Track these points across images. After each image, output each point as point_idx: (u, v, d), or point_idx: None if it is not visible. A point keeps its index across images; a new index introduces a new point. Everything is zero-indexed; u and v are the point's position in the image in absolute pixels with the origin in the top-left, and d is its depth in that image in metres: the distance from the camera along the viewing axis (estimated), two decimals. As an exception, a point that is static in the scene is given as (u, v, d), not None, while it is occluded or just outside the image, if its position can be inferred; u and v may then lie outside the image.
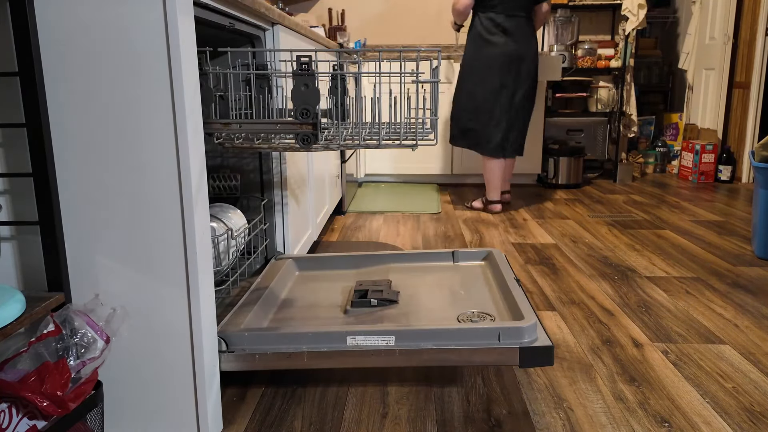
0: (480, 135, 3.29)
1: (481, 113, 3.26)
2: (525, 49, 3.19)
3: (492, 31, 3.16)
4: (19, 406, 0.92)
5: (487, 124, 3.26)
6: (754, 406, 1.36)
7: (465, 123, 3.31)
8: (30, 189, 1.05)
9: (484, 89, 3.22)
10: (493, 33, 3.16)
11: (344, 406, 1.37)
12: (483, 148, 3.31)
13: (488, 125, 3.26)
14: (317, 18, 4.71)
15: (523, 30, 3.19)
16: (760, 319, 1.86)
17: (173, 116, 1.02)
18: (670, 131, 4.89)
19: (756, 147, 2.43)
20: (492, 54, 3.17)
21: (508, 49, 3.16)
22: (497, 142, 3.27)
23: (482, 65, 3.20)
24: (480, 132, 3.28)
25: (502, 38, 3.16)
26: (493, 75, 3.19)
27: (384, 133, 1.35)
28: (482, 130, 3.27)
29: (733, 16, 4.26)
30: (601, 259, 2.48)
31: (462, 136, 3.35)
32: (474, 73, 3.24)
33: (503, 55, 3.16)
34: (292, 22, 1.90)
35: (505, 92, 3.22)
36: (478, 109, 3.26)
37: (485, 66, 3.20)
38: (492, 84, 3.20)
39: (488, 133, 3.27)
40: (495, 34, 3.16)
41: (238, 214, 1.68)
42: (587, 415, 1.33)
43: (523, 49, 3.18)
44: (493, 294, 1.57)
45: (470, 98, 3.27)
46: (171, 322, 1.10)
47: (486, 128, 3.27)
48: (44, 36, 1.00)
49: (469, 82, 3.27)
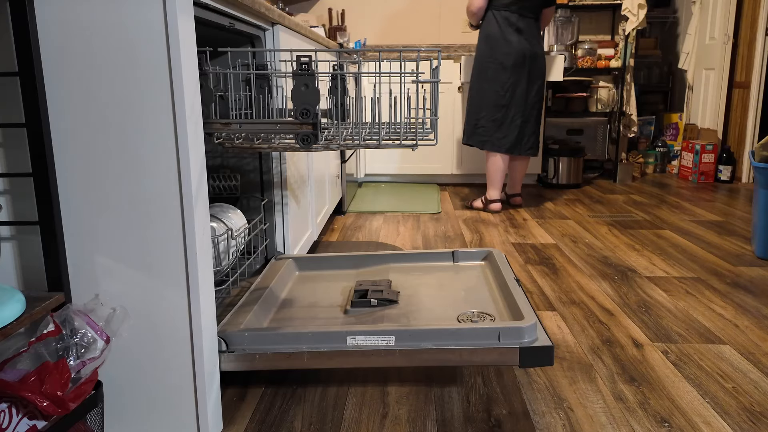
0: (494, 132, 3.30)
1: (496, 111, 3.27)
2: (537, 48, 3.25)
3: (506, 29, 3.20)
4: (19, 406, 0.92)
5: (501, 122, 3.28)
6: (754, 406, 1.36)
7: (480, 121, 3.32)
8: (30, 189, 1.05)
9: (499, 87, 3.24)
10: (508, 32, 3.20)
11: (344, 406, 1.37)
12: (497, 146, 3.31)
13: (503, 123, 3.28)
14: (317, 18, 4.71)
15: (534, 30, 3.25)
16: (760, 319, 1.86)
17: (173, 116, 1.02)
18: (670, 131, 4.89)
19: (756, 147, 2.43)
20: (507, 52, 3.20)
21: (522, 48, 3.20)
22: (512, 139, 3.29)
23: (497, 63, 3.23)
24: (494, 129, 3.30)
25: (516, 37, 3.19)
26: (507, 73, 3.22)
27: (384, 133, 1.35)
28: (497, 127, 3.29)
29: (733, 16, 4.26)
30: (601, 259, 2.48)
31: (476, 134, 3.35)
32: (489, 71, 3.25)
33: (518, 53, 3.20)
34: (292, 22, 1.90)
35: (519, 90, 3.25)
36: (493, 107, 3.27)
37: (499, 64, 3.22)
38: (506, 82, 3.23)
39: (503, 130, 3.29)
40: (509, 33, 3.19)
41: (238, 214, 1.68)
42: (587, 415, 1.33)
43: (535, 48, 3.24)
44: (493, 294, 1.57)
45: (485, 96, 3.28)
46: (171, 322, 1.10)
47: (501, 126, 3.28)
48: (44, 36, 1.00)
49: (483, 80, 3.28)
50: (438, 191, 4.05)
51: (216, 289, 1.52)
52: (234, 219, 1.64)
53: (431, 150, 4.23)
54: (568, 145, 4.16)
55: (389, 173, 4.34)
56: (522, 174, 3.54)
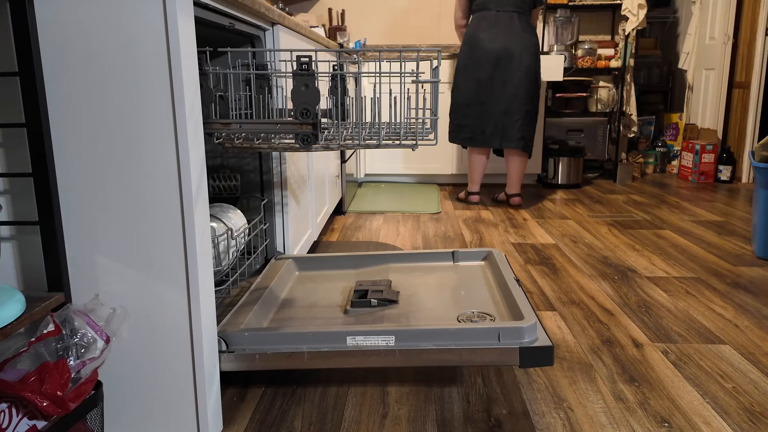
0: (474, 129, 3.40)
1: (472, 107, 3.37)
2: (515, 41, 3.27)
3: (481, 27, 3.29)
4: (19, 406, 0.92)
5: (479, 117, 3.37)
6: (754, 406, 1.36)
7: (459, 119, 3.43)
8: (30, 189, 1.05)
9: (475, 84, 3.34)
10: (483, 29, 3.29)
11: (344, 406, 1.37)
12: (477, 141, 3.42)
13: (480, 117, 3.37)
14: (317, 18, 4.71)
15: (514, 24, 3.28)
16: (760, 319, 1.86)
17: (173, 116, 1.02)
18: (670, 131, 4.89)
19: (756, 147, 2.43)
20: (481, 48, 3.29)
21: (495, 43, 3.26)
22: (493, 132, 3.37)
23: (473, 62, 3.32)
24: (473, 126, 3.39)
25: (489, 33, 3.27)
26: (482, 69, 3.31)
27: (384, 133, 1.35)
28: (475, 123, 3.38)
29: (733, 16, 4.26)
30: (601, 259, 2.48)
31: (458, 132, 3.46)
32: (466, 71, 3.36)
33: (490, 48, 3.27)
34: (292, 22, 1.90)
35: (496, 84, 3.31)
36: (470, 104, 3.37)
37: (475, 62, 3.32)
38: (481, 78, 3.31)
39: (481, 124, 3.38)
40: (483, 30, 3.28)
41: (238, 214, 1.68)
42: (587, 415, 1.33)
43: (512, 41, 3.26)
44: (493, 294, 1.57)
45: (463, 94, 3.39)
46: (171, 322, 1.10)
47: (479, 121, 3.37)
48: (44, 36, 1.00)
49: (461, 79, 3.39)
50: (438, 191, 4.05)
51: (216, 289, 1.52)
52: (234, 219, 1.64)
53: (431, 150, 4.23)
54: (568, 145, 4.16)
55: (389, 173, 4.34)
56: (520, 173, 3.53)
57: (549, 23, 4.48)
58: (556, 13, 4.43)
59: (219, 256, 1.51)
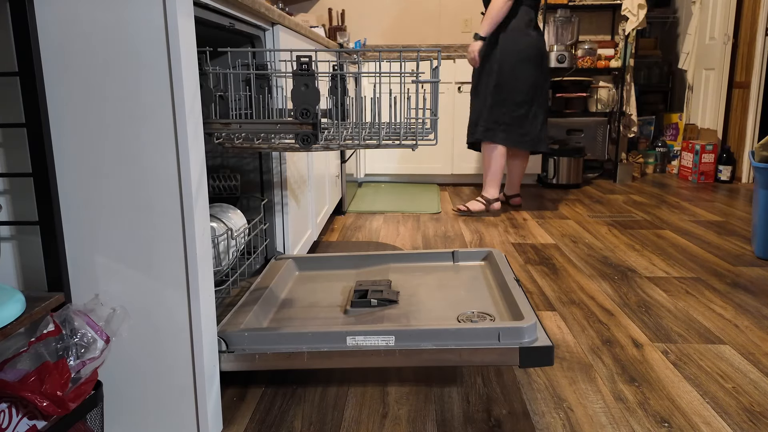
0: (517, 129, 3.24)
1: (519, 107, 3.22)
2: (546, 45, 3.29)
3: (528, 25, 3.19)
4: (19, 406, 0.92)
5: (524, 118, 3.24)
6: (754, 406, 1.36)
7: (501, 117, 3.23)
8: (30, 189, 1.05)
9: (523, 83, 3.20)
10: (529, 27, 3.19)
11: (344, 406, 1.37)
12: (518, 143, 3.25)
13: (526, 119, 3.24)
14: (317, 18, 4.71)
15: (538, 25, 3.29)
16: (760, 319, 1.86)
17: (173, 116, 1.02)
18: (670, 131, 4.89)
19: (756, 147, 2.43)
20: (529, 47, 3.18)
21: (540, 44, 3.22)
22: (534, 135, 3.27)
23: (519, 59, 3.17)
24: (517, 126, 3.24)
25: (535, 33, 3.21)
26: (530, 68, 3.20)
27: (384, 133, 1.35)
28: (519, 124, 3.24)
29: (733, 16, 4.26)
30: (601, 259, 2.48)
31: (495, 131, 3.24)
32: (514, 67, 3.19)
33: (538, 49, 3.20)
34: (292, 22, 1.90)
35: (539, 86, 3.26)
36: (518, 103, 3.22)
37: (524, 58, 3.17)
38: (529, 78, 3.21)
39: (525, 127, 3.25)
40: (531, 29, 3.20)
41: (238, 214, 1.68)
42: (587, 415, 1.33)
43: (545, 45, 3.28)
44: (493, 294, 1.57)
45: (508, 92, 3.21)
46: (171, 322, 1.10)
47: (523, 122, 3.24)
48: (44, 36, 1.00)
49: (507, 76, 3.19)
50: (438, 191, 4.05)
51: (216, 289, 1.52)
52: (234, 219, 1.64)
53: (431, 150, 4.23)
54: (568, 145, 4.16)
55: (389, 173, 4.34)
56: (521, 174, 3.53)
57: (549, 23, 4.48)
58: (556, 13, 4.43)
59: (219, 256, 1.51)
